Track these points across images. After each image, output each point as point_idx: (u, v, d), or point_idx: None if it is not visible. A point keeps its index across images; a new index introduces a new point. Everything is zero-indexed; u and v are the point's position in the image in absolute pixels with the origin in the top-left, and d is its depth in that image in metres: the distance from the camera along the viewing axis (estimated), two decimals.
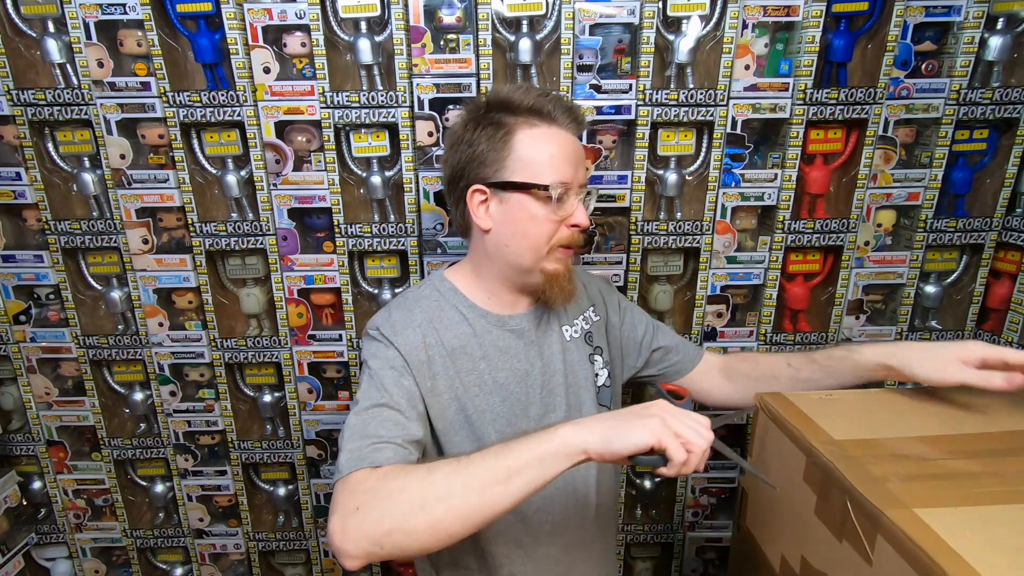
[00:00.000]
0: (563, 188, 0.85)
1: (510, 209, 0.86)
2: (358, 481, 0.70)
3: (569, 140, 0.87)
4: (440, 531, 0.65)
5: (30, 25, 1.19)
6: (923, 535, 0.56)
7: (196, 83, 1.22)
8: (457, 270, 0.97)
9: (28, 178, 1.25)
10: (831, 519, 0.70)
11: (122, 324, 1.37)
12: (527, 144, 0.85)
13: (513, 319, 0.93)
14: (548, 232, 0.86)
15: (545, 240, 0.86)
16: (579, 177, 0.87)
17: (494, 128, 0.86)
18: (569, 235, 0.88)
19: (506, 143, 0.85)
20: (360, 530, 0.65)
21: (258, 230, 1.26)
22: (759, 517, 0.91)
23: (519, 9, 1.14)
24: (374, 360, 0.85)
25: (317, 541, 1.48)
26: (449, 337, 0.89)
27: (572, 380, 0.95)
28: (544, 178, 0.84)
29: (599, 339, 1.01)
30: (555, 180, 0.84)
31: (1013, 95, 1.17)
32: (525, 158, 0.85)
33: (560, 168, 0.84)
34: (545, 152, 0.85)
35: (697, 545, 1.50)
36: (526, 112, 0.86)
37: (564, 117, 0.86)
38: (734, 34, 1.14)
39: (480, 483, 0.65)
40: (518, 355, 0.92)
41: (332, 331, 1.32)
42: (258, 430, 1.45)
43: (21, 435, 1.43)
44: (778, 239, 1.26)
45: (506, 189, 0.86)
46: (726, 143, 1.20)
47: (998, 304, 1.28)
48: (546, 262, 0.87)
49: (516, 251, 0.88)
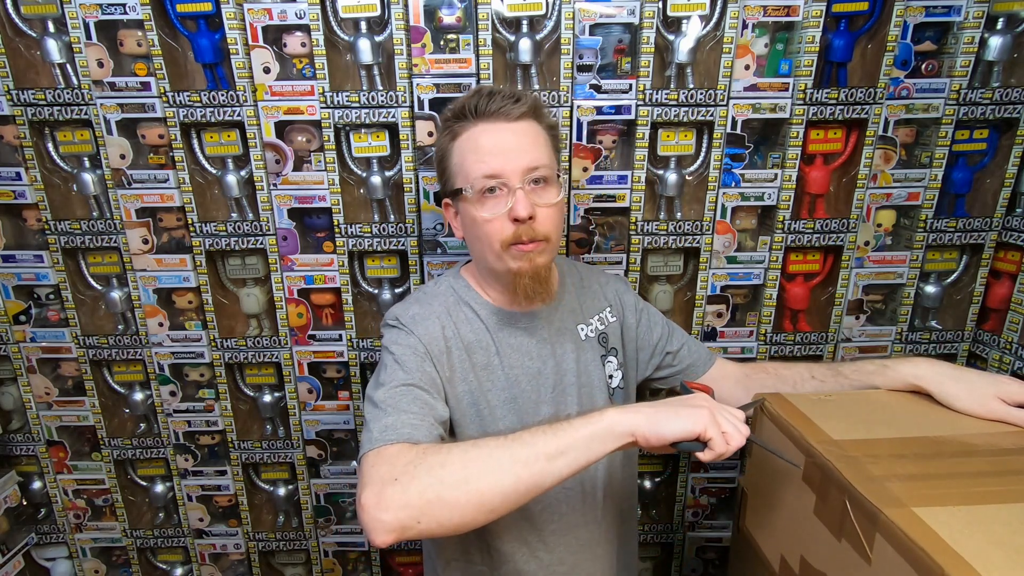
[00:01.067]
0: (493, 182, 0.82)
1: (464, 216, 0.88)
2: (395, 453, 0.70)
3: (499, 130, 0.84)
4: (483, 505, 0.66)
5: (30, 25, 1.19)
6: (922, 534, 0.57)
7: (196, 83, 1.22)
8: (470, 269, 0.98)
9: (28, 178, 1.25)
10: (830, 519, 0.70)
11: (122, 324, 1.37)
12: (458, 150, 0.86)
13: (525, 316, 0.93)
14: (494, 231, 0.84)
15: (496, 239, 0.84)
16: (515, 164, 0.82)
17: (446, 138, 0.88)
18: (513, 231, 0.83)
19: (450, 152, 0.87)
20: (400, 499, 0.65)
21: (258, 230, 1.26)
22: (758, 517, 0.91)
23: (519, 9, 1.14)
24: (396, 346, 0.85)
25: (317, 541, 1.48)
26: (466, 331, 0.90)
27: (585, 380, 0.95)
28: (468, 180, 0.84)
29: (614, 340, 1.00)
30: (476, 176, 0.83)
31: (1013, 95, 1.17)
32: (457, 163, 0.86)
33: (483, 161, 0.83)
34: (470, 152, 0.84)
35: (697, 545, 1.50)
36: (460, 117, 0.86)
37: (493, 106, 0.83)
38: (734, 34, 1.14)
39: (526, 459, 0.66)
40: (530, 353, 0.92)
41: (332, 331, 1.33)
42: (258, 430, 1.45)
43: (21, 435, 1.43)
44: (778, 239, 1.26)
45: (454, 198, 0.89)
46: (726, 143, 1.20)
47: (998, 304, 1.28)
48: (508, 262, 0.85)
49: (480, 255, 0.90)
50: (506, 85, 1.05)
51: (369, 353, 1.33)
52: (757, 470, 0.91)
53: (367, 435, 0.75)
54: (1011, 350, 1.23)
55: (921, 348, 1.33)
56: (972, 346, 1.32)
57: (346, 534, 1.47)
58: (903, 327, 1.32)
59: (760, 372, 1.03)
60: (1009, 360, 1.23)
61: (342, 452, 1.45)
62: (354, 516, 1.48)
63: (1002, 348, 1.25)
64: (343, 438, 1.43)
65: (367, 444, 0.74)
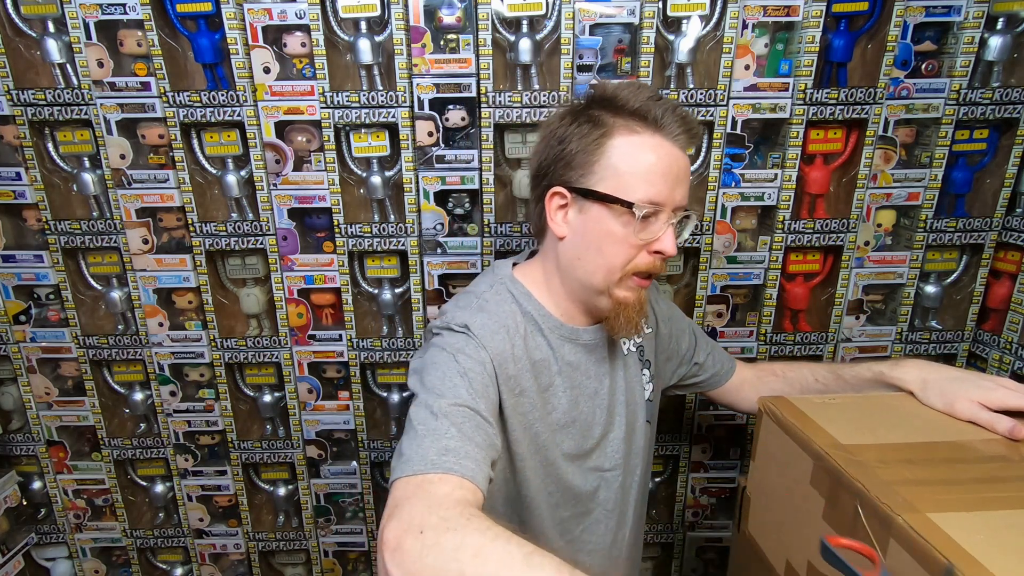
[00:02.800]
0: (652, 208, 0.76)
1: (588, 220, 0.79)
2: (442, 496, 0.60)
3: (673, 154, 0.77)
4: None
5: (30, 25, 1.19)
6: (937, 538, 0.56)
7: (196, 83, 1.22)
8: (527, 272, 0.88)
9: (28, 178, 1.25)
10: (840, 523, 0.69)
11: (122, 324, 1.37)
12: (622, 151, 0.76)
13: (586, 332, 0.87)
14: (626, 255, 0.78)
15: (621, 263, 0.78)
16: (676, 198, 0.77)
17: (590, 127, 0.77)
18: (650, 262, 0.78)
19: (599, 146, 0.76)
20: (414, 564, 0.54)
21: (258, 230, 1.26)
22: (762, 522, 0.90)
23: (519, 9, 1.14)
24: (464, 356, 0.74)
25: (317, 541, 1.48)
26: (532, 348, 0.82)
27: (631, 397, 0.92)
28: (632, 194, 0.75)
29: (648, 353, 0.97)
30: (643, 198, 0.75)
31: (1013, 95, 1.17)
32: (616, 167, 0.76)
33: (654, 184, 0.75)
34: (641, 163, 0.75)
35: (697, 545, 1.50)
36: (629, 114, 0.77)
37: (675, 126, 0.76)
38: (734, 34, 1.14)
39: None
40: (588, 372, 0.87)
41: (332, 331, 1.32)
42: (258, 430, 1.45)
43: (21, 435, 1.42)
44: (778, 239, 1.26)
45: (588, 197, 0.78)
46: (726, 143, 1.20)
47: (998, 304, 1.28)
48: (618, 288, 0.80)
49: (588, 268, 0.80)
50: (674, 101, 0.93)
51: (369, 353, 1.33)
52: (760, 473, 0.91)
53: (418, 448, 0.64)
54: (1011, 350, 1.23)
55: (921, 348, 1.33)
56: (972, 346, 1.32)
57: (346, 534, 1.47)
58: (903, 327, 1.32)
59: (769, 375, 1.02)
60: (1009, 360, 1.23)
61: (342, 452, 1.45)
62: (354, 516, 1.48)
63: (1002, 348, 1.25)
64: (343, 438, 1.43)
65: (419, 462, 0.63)
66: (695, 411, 1.38)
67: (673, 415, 1.39)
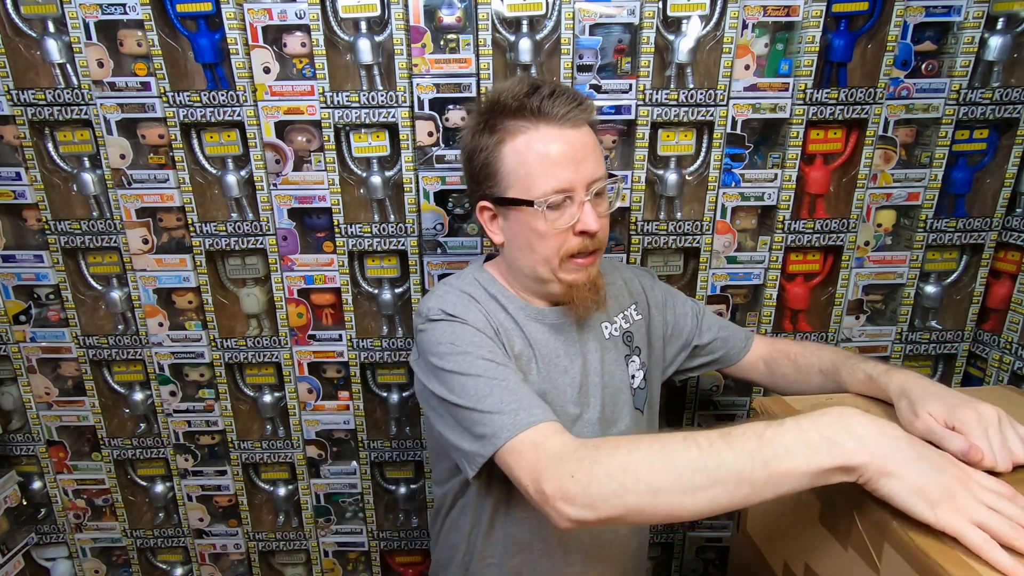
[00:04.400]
0: (560, 196, 0.79)
1: (512, 224, 0.84)
2: (559, 446, 0.68)
3: (564, 137, 0.79)
4: (672, 516, 0.63)
5: (30, 25, 1.19)
6: (931, 544, 0.56)
7: (196, 83, 1.22)
8: (495, 265, 0.95)
9: (28, 178, 1.25)
10: (836, 527, 0.69)
11: (122, 324, 1.37)
12: (515, 153, 0.79)
13: (552, 313, 0.90)
14: (555, 244, 0.81)
15: (554, 252, 0.81)
16: (583, 176, 0.79)
17: (487, 136, 0.81)
18: (579, 243, 0.81)
19: (497, 153, 0.81)
20: (583, 499, 0.63)
21: (258, 230, 1.26)
22: (761, 523, 0.90)
23: (519, 9, 1.14)
24: (457, 337, 0.81)
25: (317, 541, 1.48)
26: (502, 320, 0.87)
27: (608, 380, 0.92)
28: (535, 191, 0.78)
29: (639, 339, 0.97)
30: (547, 190, 0.78)
31: (1013, 95, 1.17)
32: (516, 170, 0.80)
33: (553, 175, 0.78)
34: (534, 160, 0.78)
35: (697, 545, 1.50)
36: (513, 115, 0.79)
37: (558, 109, 0.78)
38: (734, 34, 1.14)
39: (726, 481, 0.59)
40: (557, 351, 0.89)
41: (332, 331, 1.32)
42: (258, 430, 1.45)
43: (21, 435, 1.42)
44: (778, 239, 1.26)
45: (504, 205, 0.83)
46: (726, 143, 1.20)
47: (998, 304, 1.28)
48: (562, 273, 0.83)
49: (529, 263, 0.85)
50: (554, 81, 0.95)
51: (369, 353, 1.33)
52: None
53: (498, 418, 0.72)
54: (1011, 350, 1.23)
55: (921, 348, 1.33)
56: (972, 346, 1.32)
57: (346, 534, 1.47)
58: (903, 327, 1.32)
59: (784, 359, 1.00)
60: (1009, 360, 1.23)
61: (342, 452, 1.45)
62: (354, 516, 1.48)
63: (1002, 348, 1.25)
64: (343, 438, 1.43)
65: (510, 428, 0.71)
66: (695, 410, 1.38)
67: (673, 413, 1.39)
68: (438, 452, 0.94)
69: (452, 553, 0.97)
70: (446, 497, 0.95)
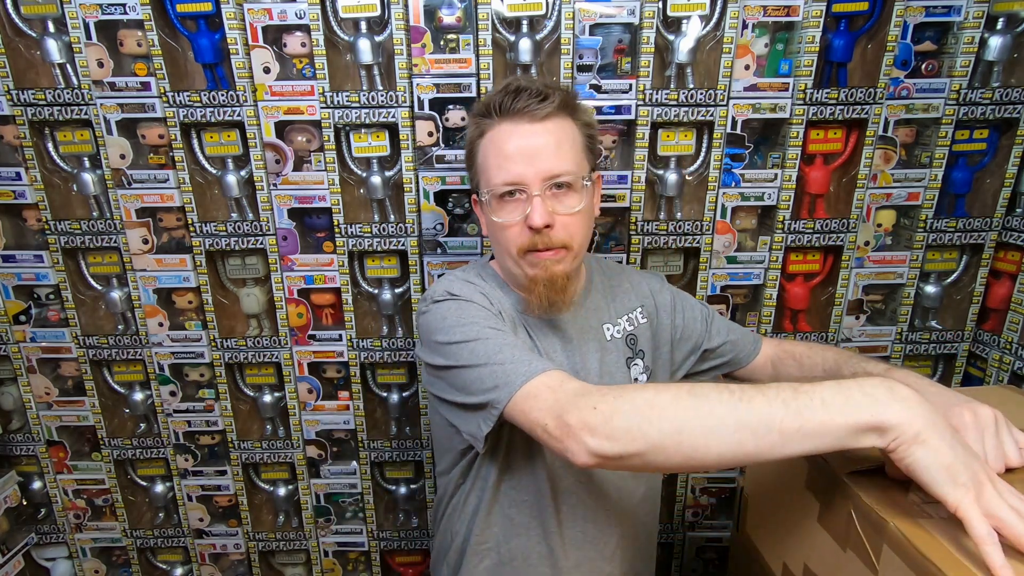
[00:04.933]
0: (508, 188, 0.81)
1: (486, 218, 0.88)
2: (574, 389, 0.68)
3: (520, 132, 0.80)
4: (693, 460, 0.61)
5: (30, 25, 1.19)
6: (929, 545, 0.56)
7: (196, 83, 1.22)
8: (496, 262, 0.97)
9: (28, 178, 1.25)
10: (835, 528, 0.69)
11: (122, 324, 1.37)
12: (482, 149, 0.85)
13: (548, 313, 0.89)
14: (511, 237, 0.83)
15: (512, 245, 0.83)
16: (538, 170, 0.80)
17: (474, 133, 0.86)
18: (528, 238, 0.81)
19: (475, 149, 0.86)
20: (606, 429, 0.62)
21: (258, 230, 1.26)
22: (760, 523, 0.90)
23: (519, 9, 1.14)
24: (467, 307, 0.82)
25: (317, 541, 1.48)
26: (506, 307, 0.88)
27: (608, 382, 0.91)
28: (488, 184, 0.83)
29: (643, 343, 0.97)
30: (496, 183, 0.81)
31: (1013, 95, 1.17)
32: (481, 165, 0.85)
33: (504, 169, 0.81)
34: (492, 154, 0.82)
35: (697, 545, 1.50)
36: (482, 114, 0.84)
37: (518, 104, 0.80)
38: (734, 34, 1.14)
39: (755, 428, 0.58)
40: (554, 348, 0.89)
41: (332, 331, 1.32)
42: (258, 430, 1.45)
43: (21, 435, 1.42)
44: (778, 239, 1.26)
45: (479, 200, 0.89)
46: (726, 143, 1.20)
47: (998, 304, 1.28)
48: (524, 268, 0.85)
49: (499, 255, 0.89)
50: (539, 79, 1.00)
51: (369, 353, 1.33)
52: (758, 474, 0.91)
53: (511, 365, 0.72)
54: (1011, 350, 1.23)
55: (921, 348, 1.33)
56: (972, 346, 1.32)
57: (346, 534, 1.47)
58: (903, 327, 1.32)
59: (789, 359, 1.01)
60: (1009, 360, 1.24)
61: (342, 452, 1.45)
62: (354, 516, 1.48)
63: (1002, 348, 1.25)
64: (343, 438, 1.43)
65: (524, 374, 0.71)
66: None
67: None
68: (442, 441, 0.94)
69: (450, 539, 0.97)
70: (448, 486, 0.96)
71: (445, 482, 0.97)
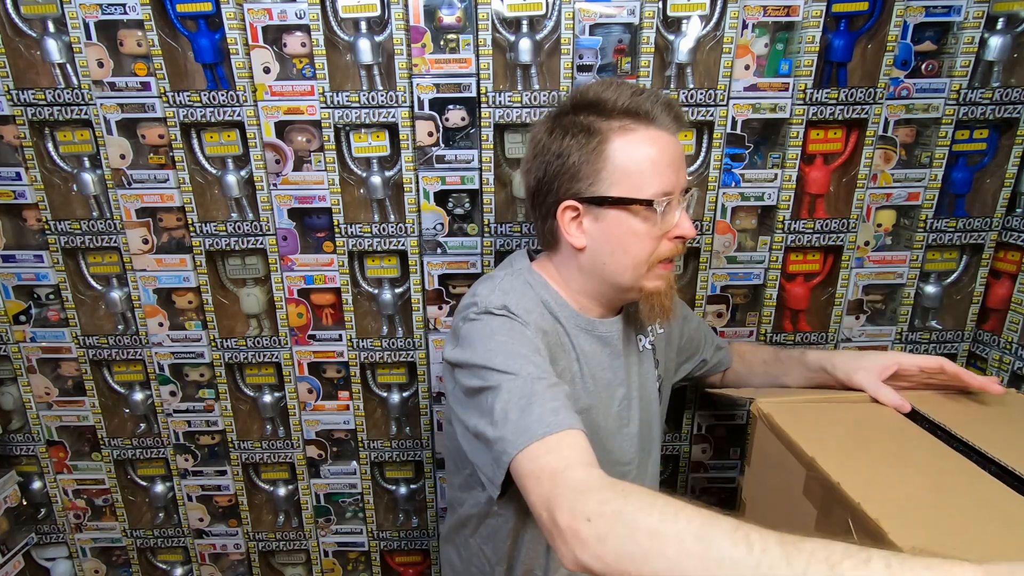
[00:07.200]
0: (667, 199, 0.78)
1: (607, 226, 0.80)
2: (584, 476, 0.61)
3: (670, 141, 0.79)
4: None
5: (30, 25, 1.19)
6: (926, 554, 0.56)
7: (196, 83, 1.22)
8: (544, 268, 0.90)
9: (28, 178, 1.25)
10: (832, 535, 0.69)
11: (122, 324, 1.37)
12: (624, 153, 0.78)
13: (602, 325, 0.88)
14: (650, 247, 0.80)
15: (646, 256, 0.80)
16: (681, 182, 0.80)
17: (585, 136, 0.79)
18: (672, 247, 0.81)
19: (600, 153, 0.78)
20: (596, 549, 0.56)
21: (258, 230, 1.26)
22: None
23: (519, 9, 1.14)
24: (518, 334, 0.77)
25: (317, 541, 1.48)
26: (549, 330, 0.83)
27: (644, 393, 0.92)
28: (646, 190, 0.77)
29: (659, 352, 0.98)
30: (657, 191, 0.77)
31: (1013, 95, 1.17)
32: (624, 168, 0.78)
33: (663, 176, 0.78)
34: (645, 160, 0.77)
35: None
36: (620, 115, 0.78)
37: (664, 115, 0.78)
38: (734, 34, 1.14)
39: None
40: (602, 364, 0.87)
41: (332, 331, 1.32)
42: (258, 430, 1.45)
43: (21, 435, 1.42)
44: (778, 239, 1.26)
45: (603, 205, 0.79)
46: (726, 143, 1.20)
47: (998, 304, 1.28)
48: (646, 280, 0.82)
49: (615, 269, 0.82)
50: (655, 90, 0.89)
51: (369, 353, 1.33)
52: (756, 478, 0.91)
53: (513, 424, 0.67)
54: (1011, 350, 1.23)
55: (921, 348, 1.33)
56: (972, 346, 1.32)
57: (346, 534, 1.47)
58: (903, 327, 1.32)
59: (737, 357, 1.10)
60: (1009, 360, 1.23)
61: (342, 452, 1.45)
62: (354, 516, 1.48)
63: (1002, 348, 1.25)
64: (343, 438, 1.43)
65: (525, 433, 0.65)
66: (695, 411, 1.38)
67: (673, 415, 1.39)
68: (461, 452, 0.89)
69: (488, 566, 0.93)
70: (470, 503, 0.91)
71: (464, 497, 0.92)
